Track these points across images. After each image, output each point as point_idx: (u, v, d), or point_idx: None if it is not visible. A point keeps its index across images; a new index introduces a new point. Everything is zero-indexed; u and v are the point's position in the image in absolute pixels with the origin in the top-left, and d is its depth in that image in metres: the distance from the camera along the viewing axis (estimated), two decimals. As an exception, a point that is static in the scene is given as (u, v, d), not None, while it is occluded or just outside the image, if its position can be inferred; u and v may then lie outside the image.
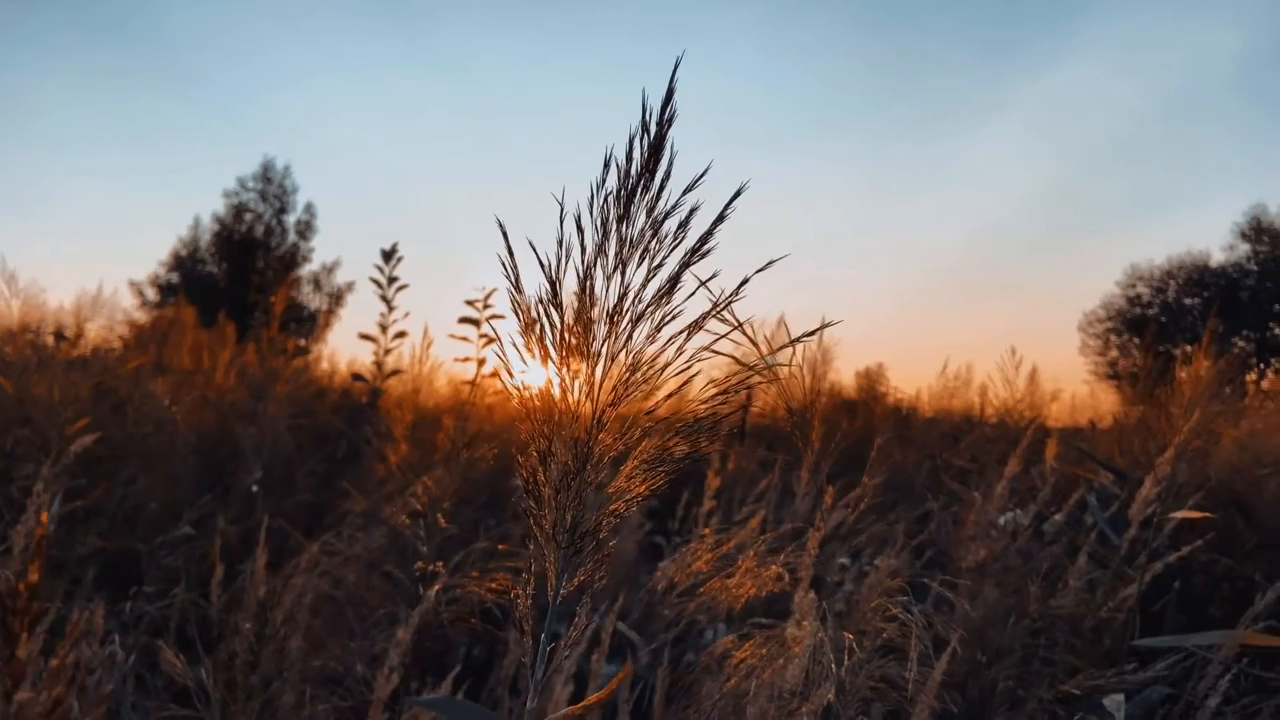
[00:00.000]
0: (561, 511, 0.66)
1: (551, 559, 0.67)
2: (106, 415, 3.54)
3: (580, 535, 0.66)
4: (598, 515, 0.67)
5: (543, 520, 0.66)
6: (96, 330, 7.73)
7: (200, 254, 23.47)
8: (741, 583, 1.24)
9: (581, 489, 0.66)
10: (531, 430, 0.66)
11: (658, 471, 0.68)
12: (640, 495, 0.68)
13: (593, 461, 0.66)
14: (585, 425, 0.66)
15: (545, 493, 0.66)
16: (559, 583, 0.67)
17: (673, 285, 0.68)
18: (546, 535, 0.66)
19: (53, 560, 2.59)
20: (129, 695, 1.71)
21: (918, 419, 5.89)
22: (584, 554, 0.67)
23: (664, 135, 0.69)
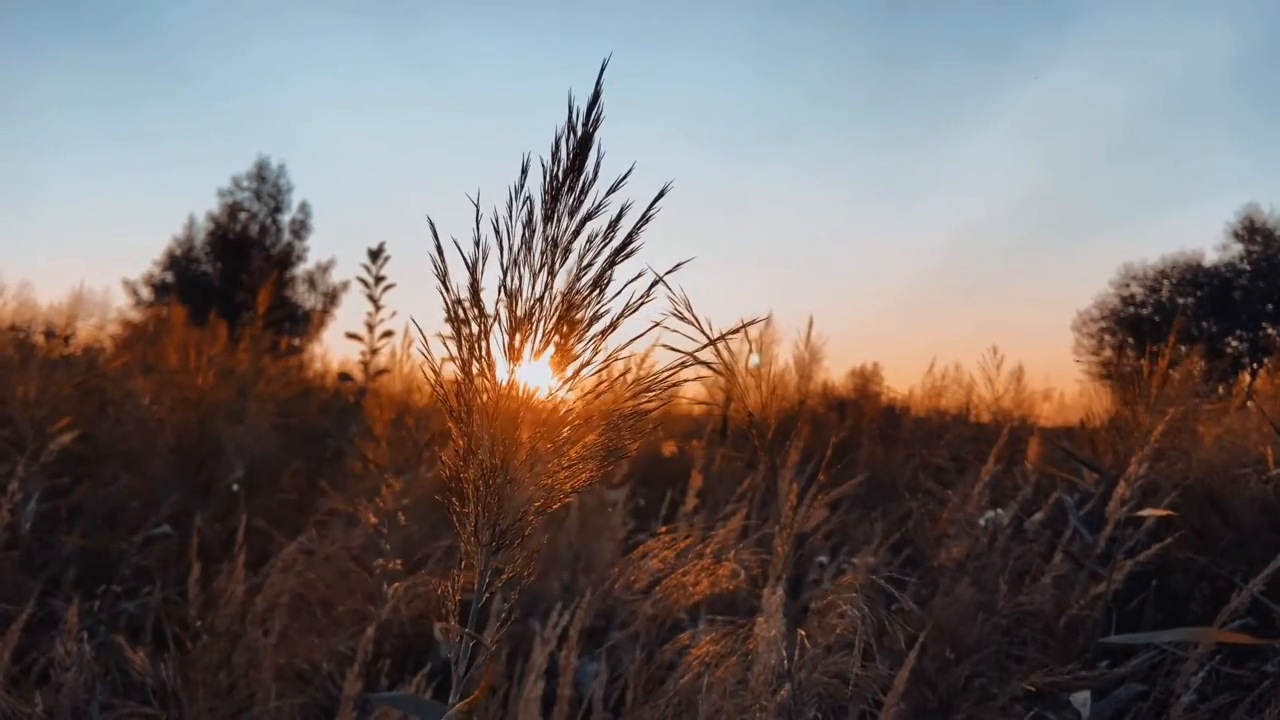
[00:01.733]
0: (483, 509, 0.67)
1: (475, 556, 0.67)
2: (91, 414, 3.55)
3: (501, 533, 0.67)
4: (520, 513, 0.67)
5: (466, 518, 0.67)
6: (88, 329, 7.74)
7: (195, 253, 23.45)
8: (698, 580, 1.25)
9: (502, 487, 0.66)
10: (453, 427, 0.66)
11: (582, 469, 0.69)
12: (564, 492, 0.69)
13: (514, 459, 0.67)
14: (506, 423, 0.66)
15: (467, 490, 0.67)
16: (482, 580, 0.67)
17: (596, 285, 0.69)
18: (469, 532, 0.67)
19: (31, 558, 2.59)
20: (98, 693, 1.71)
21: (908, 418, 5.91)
22: (507, 551, 0.67)
23: (590, 136, 0.69)
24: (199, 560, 2.20)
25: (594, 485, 0.66)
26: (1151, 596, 2.55)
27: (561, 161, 0.69)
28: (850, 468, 4.16)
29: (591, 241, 0.70)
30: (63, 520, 3.00)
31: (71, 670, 1.70)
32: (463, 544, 0.68)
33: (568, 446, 0.69)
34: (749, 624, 1.35)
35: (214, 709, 1.67)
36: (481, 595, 0.67)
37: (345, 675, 1.60)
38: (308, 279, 23.65)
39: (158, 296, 21.85)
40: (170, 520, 2.86)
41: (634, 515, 3.75)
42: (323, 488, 2.91)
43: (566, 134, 0.69)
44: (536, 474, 0.68)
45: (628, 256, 0.70)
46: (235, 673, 1.78)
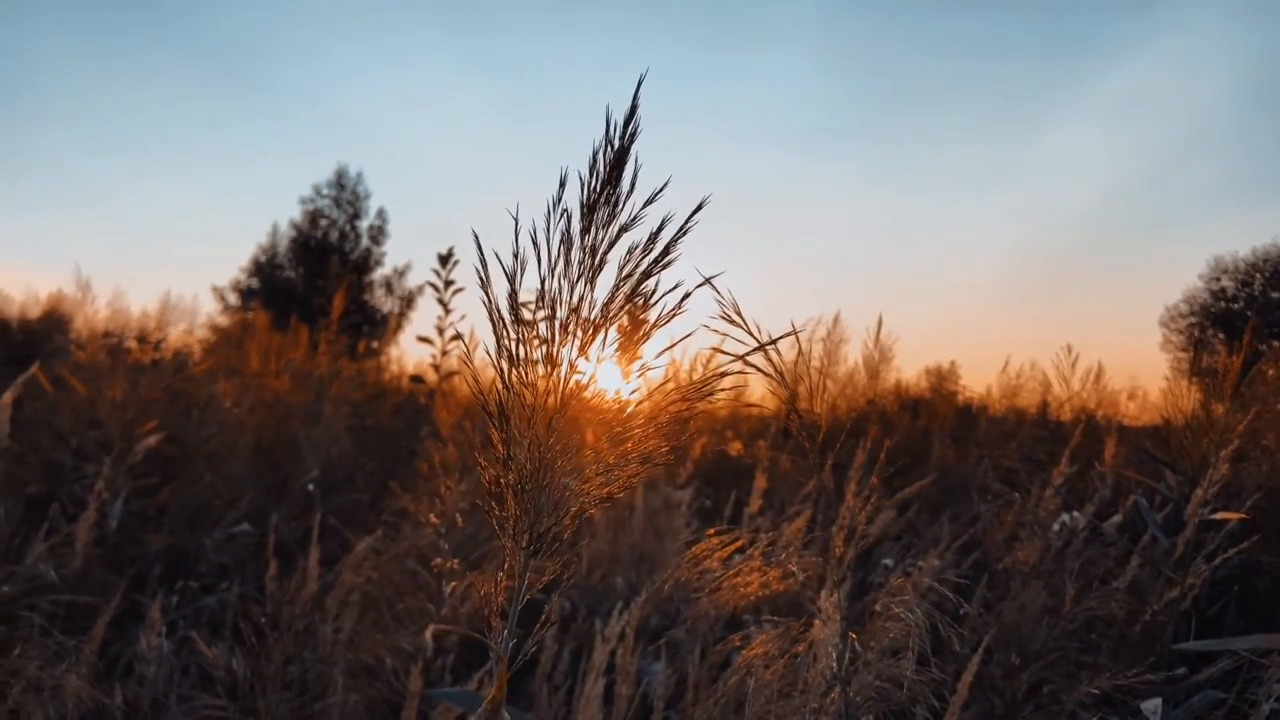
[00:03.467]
0: (521, 513, 0.69)
1: (515, 559, 0.69)
2: (177, 417, 3.70)
3: (539, 536, 0.69)
4: (558, 517, 0.69)
5: (505, 522, 0.69)
6: (178, 334, 8.06)
7: (279, 259, 24.17)
8: (748, 581, 1.26)
9: (540, 491, 0.68)
10: (492, 433, 0.69)
11: (619, 473, 0.71)
12: (601, 497, 0.70)
13: (552, 464, 0.69)
14: (543, 429, 0.68)
15: (506, 494, 0.69)
16: (521, 582, 0.69)
17: (634, 294, 0.71)
18: (509, 536, 0.69)
19: (119, 555, 2.71)
20: (176, 686, 1.79)
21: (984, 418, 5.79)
22: (545, 554, 0.69)
23: (627, 150, 0.71)
24: (275, 557, 2.29)
25: (630, 489, 0.67)
26: (1234, 601, 2.46)
27: (599, 174, 0.71)
28: (920, 468, 4.10)
29: (631, 252, 0.72)
30: (151, 518, 3.13)
31: (153, 664, 1.78)
32: (504, 547, 0.70)
33: (606, 451, 0.71)
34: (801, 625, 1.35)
35: (285, 702, 1.73)
36: (520, 596, 0.69)
37: (410, 671, 1.65)
38: (385, 283, 24.18)
39: (244, 302, 22.59)
40: (249, 518, 2.97)
41: (700, 516, 3.76)
42: (392, 488, 2.98)
43: (604, 147, 0.71)
44: (574, 478, 0.70)
45: (665, 266, 0.71)
46: (305, 667, 1.84)
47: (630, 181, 0.71)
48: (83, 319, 7.45)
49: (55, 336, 6.20)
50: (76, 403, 3.32)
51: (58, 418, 3.21)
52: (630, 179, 0.71)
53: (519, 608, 0.69)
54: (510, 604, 0.69)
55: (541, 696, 2.11)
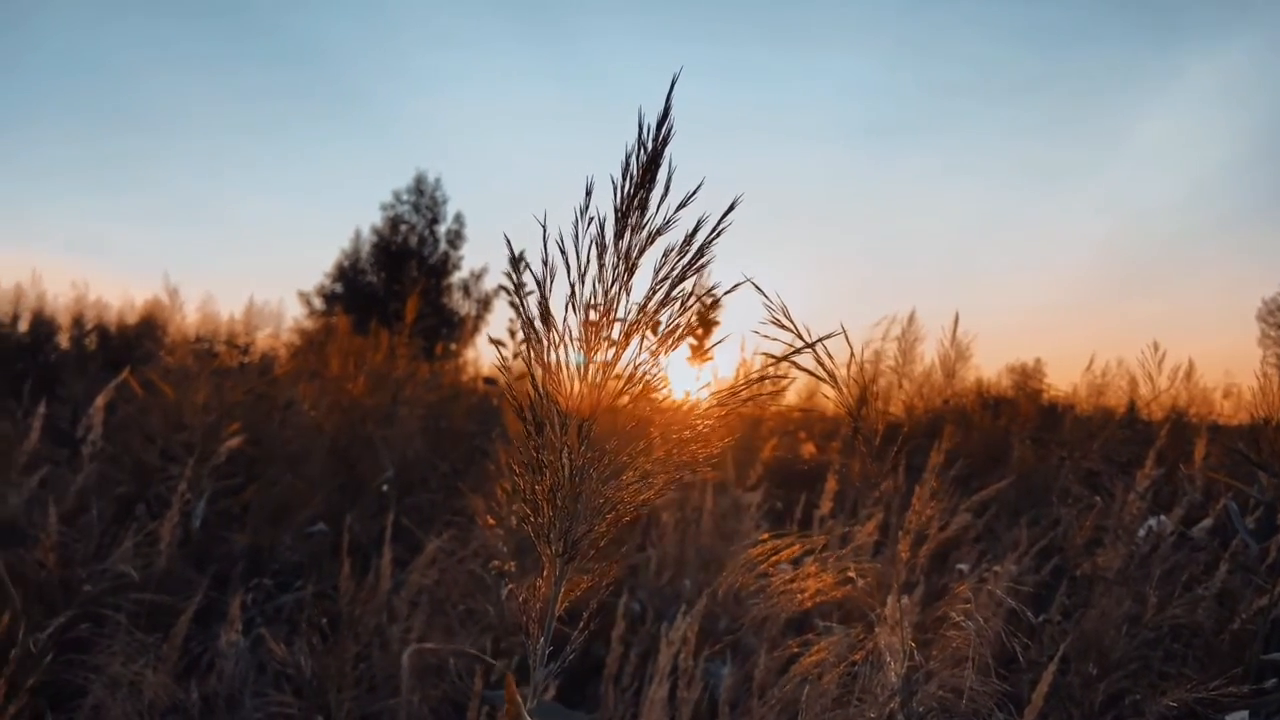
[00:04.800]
0: (556, 520, 0.68)
1: (549, 566, 0.69)
2: (260, 419, 3.82)
3: (574, 542, 0.68)
4: (593, 524, 0.69)
5: (540, 529, 0.69)
6: (265, 339, 8.34)
7: (361, 264, 24.79)
8: (804, 586, 1.24)
9: (573, 498, 0.68)
10: (528, 439, 0.69)
11: (654, 480, 0.70)
12: (636, 504, 0.70)
13: (585, 471, 0.68)
14: (575, 435, 0.68)
15: (540, 501, 0.69)
16: (556, 589, 0.69)
17: (667, 298, 0.70)
18: (543, 543, 0.69)
19: (202, 554, 2.81)
20: (251, 683, 1.84)
21: (1069, 417, 5.62)
22: (580, 561, 0.69)
23: (660, 152, 0.70)
24: (349, 557, 2.34)
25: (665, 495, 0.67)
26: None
27: (632, 177, 0.70)
28: (1000, 470, 3.99)
29: (667, 255, 0.71)
30: (235, 518, 3.24)
31: (230, 661, 1.84)
32: (540, 552, 0.70)
33: (641, 458, 0.70)
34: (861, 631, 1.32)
35: (352, 700, 1.77)
36: (555, 603, 0.69)
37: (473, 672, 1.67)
38: (462, 286, 24.60)
39: (328, 306, 23.22)
40: (325, 518, 3.05)
41: (770, 518, 3.72)
42: (462, 489, 3.02)
43: (636, 150, 0.70)
44: (608, 485, 0.69)
45: (699, 269, 0.70)
46: (374, 666, 1.88)
47: (664, 184, 0.70)
48: (175, 325, 7.77)
49: (147, 342, 6.47)
50: (164, 406, 3.46)
51: (146, 420, 3.34)
52: (665, 182, 0.70)
53: (554, 614, 0.69)
54: (546, 610, 0.69)
55: (608, 698, 2.12)
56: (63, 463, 3.21)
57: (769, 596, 1.20)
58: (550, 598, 0.68)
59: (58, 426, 3.69)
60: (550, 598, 0.68)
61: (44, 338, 7.61)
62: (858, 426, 1.12)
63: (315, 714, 1.72)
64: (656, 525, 3.24)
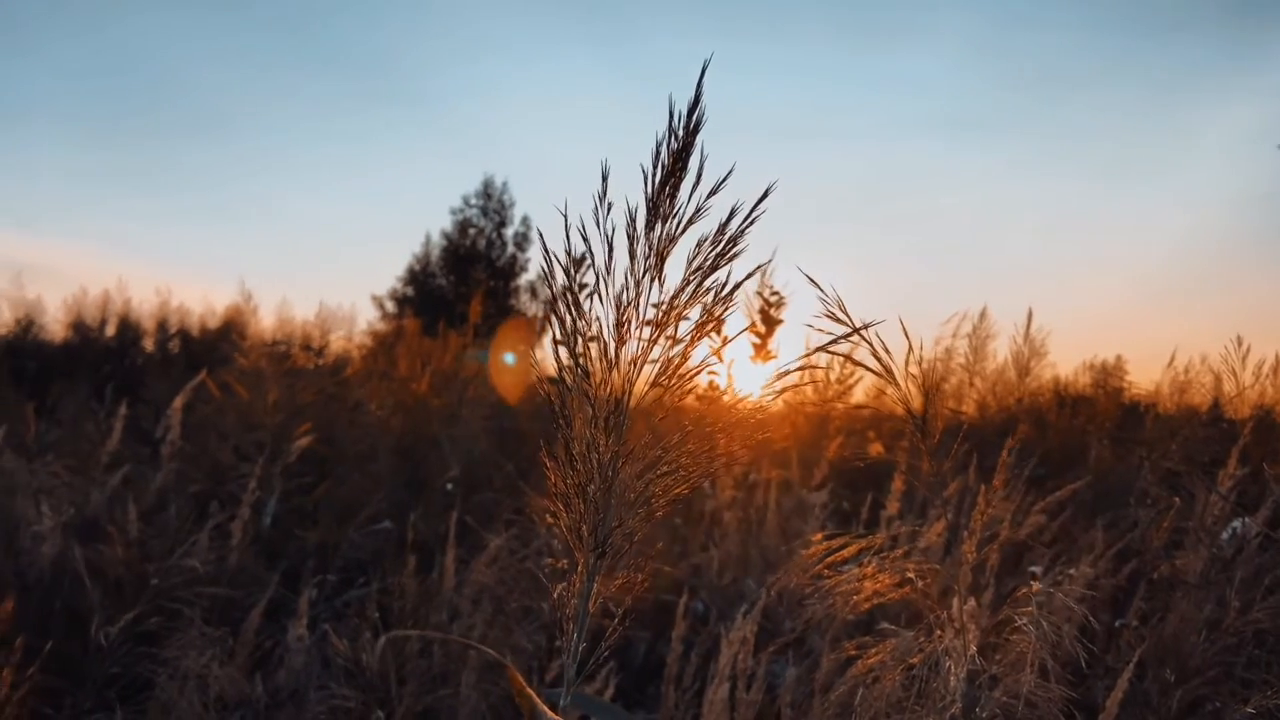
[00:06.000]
0: (586, 515, 0.67)
1: (580, 563, 0.68)
2: (330, 419, 3.90)
3: (603, 539, 0.67)
4: (625, 518, 0.67)
5: (573, 524, 0.68)
6: (338, 341, 8.53)
7: (431, 268, 25.21)
8: (859, 588, 1.20)
9: (604, 492, 0.67)
10: (558, 432, 0.68)
11: (687, 474, 0.68)
12: (669, 498, 0.68)
13: (615, 465, 0.67)
14: (603, 430, 0.67)
15: (571, 495, 0.67)
16: (588, 585, 0.68)
17: (699, 289, 0.68)
18: (574, 538, 0.68)
19: (273, 551, 2.88)
20: (315, 678, 1.87)
21: (1150, 416, 5.41)
22: (611, 558, 0.68)
23: (691, 142, 0.68)
24: (414, 554, 2.37)
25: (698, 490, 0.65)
26: None
27: (663, 165, 0.68)
28: (1077, 470, 3.86)
29: (700, 245, 0.70)
30: (307, 515, 3.31)
31: (296, 655, 1.87)
32: (573, 549, 0.69)
33: (674, 451, 0.68)
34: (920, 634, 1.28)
35: (413, 695, 1.79)
36: (587, 598, 0.68)
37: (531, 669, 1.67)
38: (529, 288, 24.83)
39: (399, 309, 23.66)
40: (391, 516, 3.09)
41: (835, 519, 3.66)
42: (524, 489, 3.04)
43: (667, 138, 0.68)
44: (639, 480, 0.68)
45: (732, 259, 0.68)
46: (436, 662, 1.90)
47: (696, 173, 0.68)
48: (253, 328, 8.00)
49: (225, 346, 6.67)
50: (239, 406, 3.55)
51: (222, 420, 3.44)
52: (696, 170, 0.68)
53: (587, 610, 0.68)
54: (579, 608, 0.68)
55: (668, 699, 2.10)
56: (143, 461, 3.33)
57: (827, 596, 1.18)
58: (583, 594, 0.67)
59: (140, 427, 3.82)
60: (583, 594, 0.67)
61: (129, 342, 7.90)
62: (917, 423, 1.09)
63: (376, 708, 1.74)
64: (719, 525, 3.21)
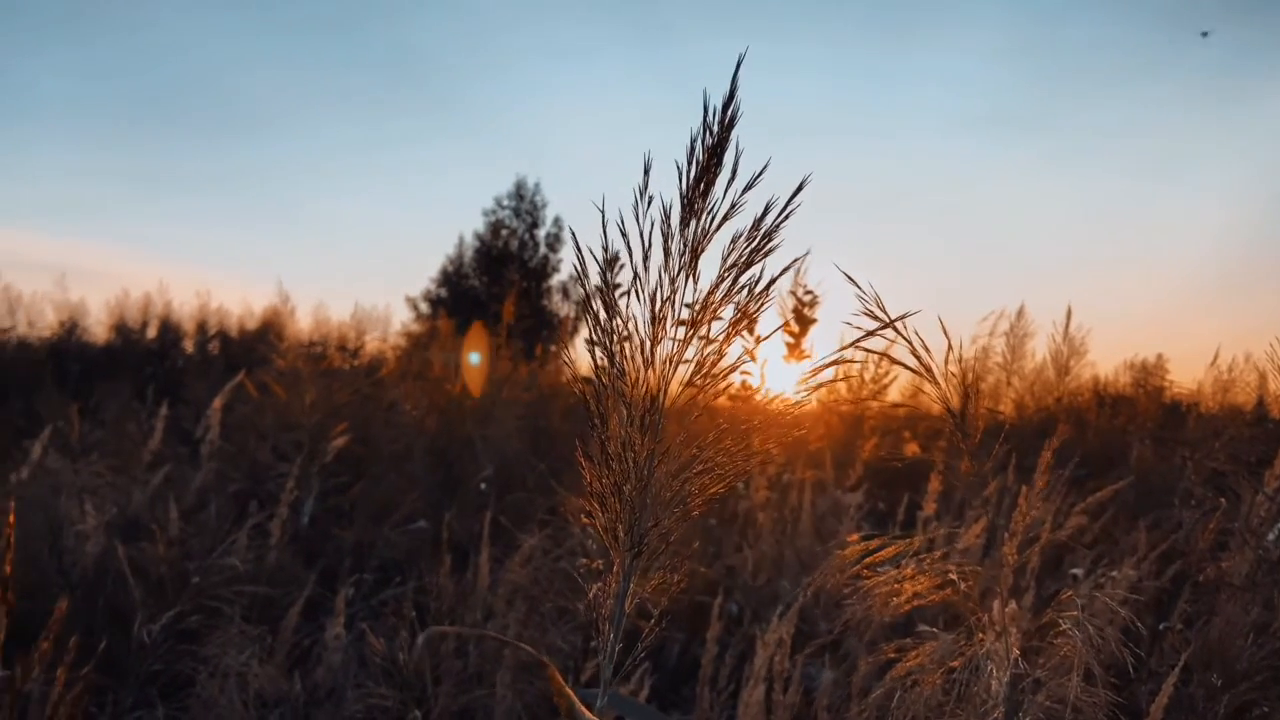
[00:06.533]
0: (622, 515, 0.67)
1: (616, 563, 0.68)
2: (365, 419, 3.93)
3: (640, 537, 0.66)
4: (660, 518, 0.67)
5: (609, 524, 0.67)
6: (373, 342, 8.62)
7: (464, 269, 25.37)
8: (898, 590, 1.19)
9: (639, 493, 0.66)
10: (592, 431, 0.67)
11: (722, 473, 0.67)
12: (704, 498, 0.67)
13: (651, 464, 0.66)
14: (639, 428, 0.66)
15: (608, 497, 0.67)
16: (624, 585, 0.67)
17: (734, 285, 0.67)
18: (610, 538, 0.67)
19: (311, 550, 2.90)
20: (352, 676, 1.88)
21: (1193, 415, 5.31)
22: (647, 558, 0.67)
23: (726, 138, 0.67)
24: (449, 553, 2.38)
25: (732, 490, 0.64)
26: None
27: (698, 161, 0.68)
28: (1118, 471, 3.80)
29: (735, 241, 0.69)
30: (344, 514, 3.34)
31: (334, 654, 1.89)
32: (609, 549, 0.68)
33: (709, 449, 0.68)
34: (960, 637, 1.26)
35: (449, 695, 1.79)
36: (624, 598, 0.67)
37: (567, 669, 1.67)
38: (561, 289, 24.89)
39: (433, 310, 23.83)
40: (426, 515, 3.11)
41: (871, 520, 3.63)
42: (557, 488, 3.04)
43: (702, 134, 0.68)
44: (675, 479, 0.67)
45: (767, 254, 0.67)
46: (472, 662, 1.90)
47: (731, 168, 0.67)
48: (290, 329, 8.10)
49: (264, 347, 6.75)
50: (276, 406, 3.59)
51: (260, 420, 3.48)
52: (731, 165, 0.68)
53: (623, 611, 0.67)
54: (615, 609, 0.67)
55: (703, 700, 2.09)
56: (184, 461, 3.37)
57: (864, 598, 1.16)
58: (619, 594, 0.67)
59: (180, 427, 3.88)
60: (619, 594, 0.67)
61: (170, 343, 8.03)
62: (956, 422, 1.07)
63: (413, 707, 1.75)
64: (753, 525, 3.20)
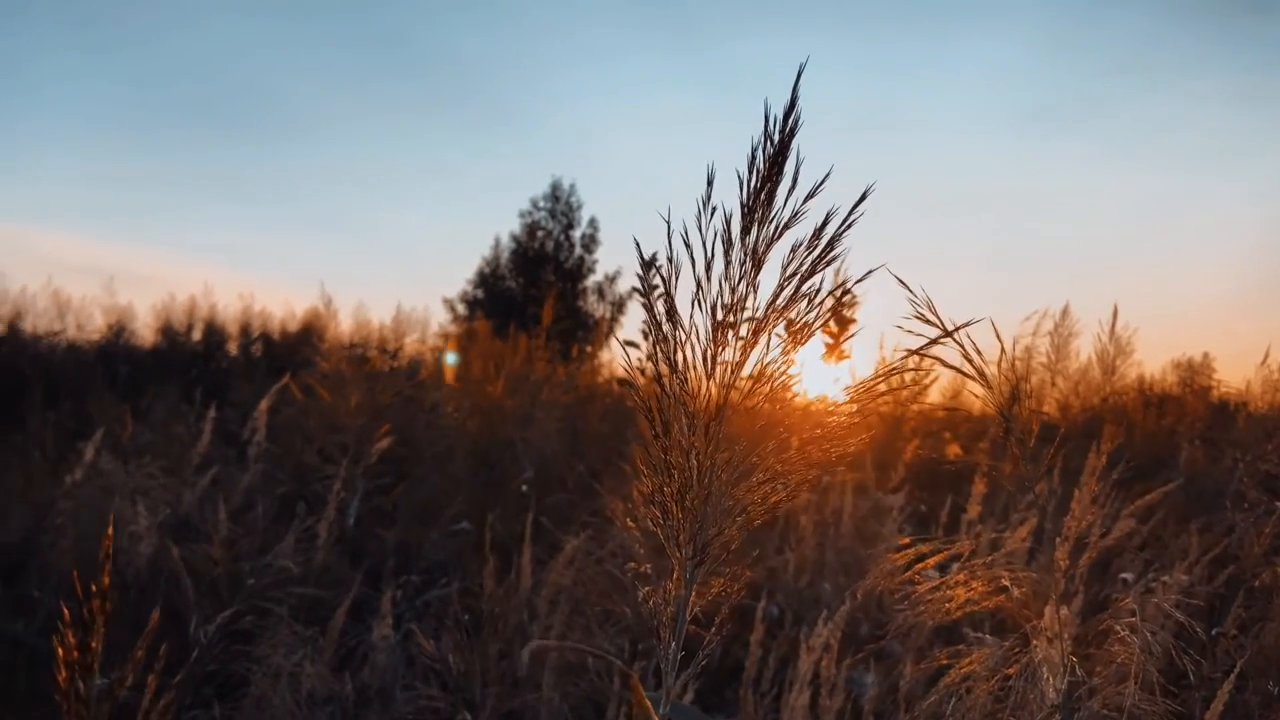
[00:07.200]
0: (685, 522, 0.67)
1: (678, 570, 0.68)
2: (408, 421, 3.97)
3: (703, 546, 0.67)
4: (723, 527, 0.67)
5: (671, 532, 0.68)
6: (412, 343, 8.70)
7: (500, 270, 25.50)
8: (952, 595, 1.18)
9: (702, 500, 0.66)
10: (655, 440, 0.67)
11: (788, 481, 0.68)
12: (767, 507, 0.67)
13: (714, 473, 0.67)
14: (703, 436, 0.66)
15: (670, 504, 0.67)
16: (686, 593, 0.68)
17: (796, 294, 0.67)
18: (672, 546, 0.68)
19: (356, 550, 2.94)
20: (401, 676, 1.91)
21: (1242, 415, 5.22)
22: (710, 565, 0.67)
23: (787, 145, 0.67)
24: (492, 555, 2.40)
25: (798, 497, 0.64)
26: None
27: (759, 171, 0.68)
28: (1165, 472, 3.74)
29: (795, 250, 0.69)
30: (386, 515, 3.38)
31: (381, 654, 1.91)
32: (670, 556, 0.69)
33: (771, 458, 0.68)
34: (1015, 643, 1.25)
35: (497, 696, 1.81)
36: (686, 606, 0.67)
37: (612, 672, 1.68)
38: (597, 289, 24.94)
39: (470, 312, 23.98)
40: (468, 516, 3.13)
41: (913, 522, 3.60)
42: (598, 490, 3.05)
43: (763, 143, 0.68)
44: (737, 488, 0.67)
45: (829, 264, 0.67)
46: (517, 663, 1.92)
47: (792, 176, 0.68)
48: (331, 332, 8.20)
49: (306, 349, 6.84)
50: (321, 409, 3.64)
51: (305, 422, 3.53)
52: (792, 174, 0.68)
53: (685, 618, 0.68)
54: (677, 615, 0.68)
55: (746, 703, 2.09)
56: (231, 463, 3.43)
57: (915, 604, 1.15)
58: (681, 602, 0.67)
59: (227, 429, 3.94)
60: (681, 602, 0.67)
61: (215, 346, 8.16)
62: (1010, 426, 1.06)
63: (462, 709, 1.76)
64: (795, 528, 3.18)
